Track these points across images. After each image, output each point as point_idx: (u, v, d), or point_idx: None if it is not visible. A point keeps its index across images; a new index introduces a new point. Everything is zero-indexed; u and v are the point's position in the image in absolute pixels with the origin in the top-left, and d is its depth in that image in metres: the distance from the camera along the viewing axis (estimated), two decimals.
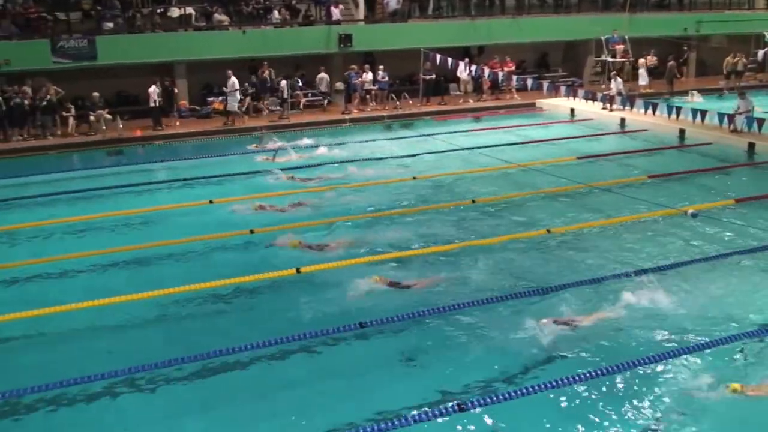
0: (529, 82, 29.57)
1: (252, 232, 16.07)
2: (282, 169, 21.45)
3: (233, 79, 28.08)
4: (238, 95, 28.37)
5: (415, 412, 9.09)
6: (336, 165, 22.27)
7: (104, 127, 26.96)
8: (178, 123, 28.74)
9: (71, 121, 27.24)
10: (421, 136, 26.73)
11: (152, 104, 27.77)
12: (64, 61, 27.62)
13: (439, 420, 8.97)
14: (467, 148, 24.03)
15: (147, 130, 27.58)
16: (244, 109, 30.06)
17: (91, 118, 27.25)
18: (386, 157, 23.24)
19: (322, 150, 24.41)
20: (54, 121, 27.08)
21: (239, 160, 23.41)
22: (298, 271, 13.61)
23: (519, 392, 9.40)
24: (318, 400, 9.71)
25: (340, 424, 9.02)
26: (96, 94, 27.40)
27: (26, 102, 26.29)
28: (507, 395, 9.34)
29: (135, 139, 26.89)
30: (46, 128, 26.77)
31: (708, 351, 10.50)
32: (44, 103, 26.46)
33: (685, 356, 10.34)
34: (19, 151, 25.43)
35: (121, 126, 27.07)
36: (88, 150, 25.90)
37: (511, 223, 16.48)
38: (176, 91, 29.48)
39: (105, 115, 27.15)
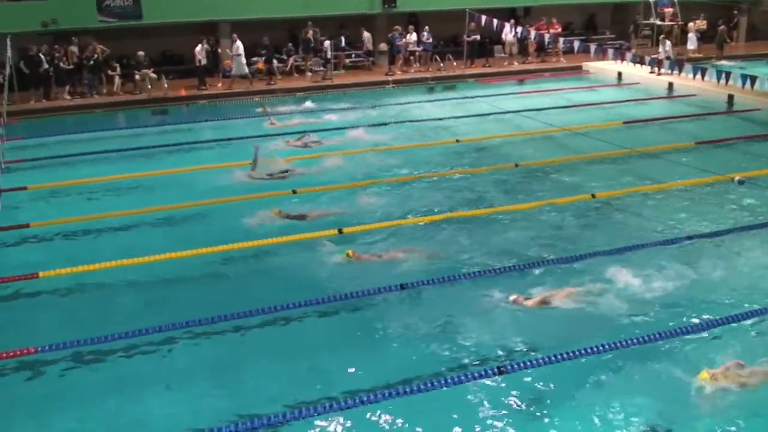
0: (576, 44, 29.10)
1: (294, 192, 16.13)
2: (321, 131, 21.45)
3: (238, 43, 27.82)
4: (243, 59, 28.06)
5: (455, 374, 9.13)
6: (378, 127, 22.21)
7: (149, 87, 27.14)
8: (220, 84, 28.81)
9: (117, 80, 27.47)
10: (464, 98, 26.52)
11: (197, 64, 27.87)
12: (109, 20, 27.77)
13: (479, 382, 8.99)
14: (511, 111, 23.81)
15: (191, 90, 27.72)
16: (287, 69, 30.08)
17: (137, 77, 27.45)
18: (429, 120, 23.13)
19: (363, 111, 24.35)
20: (100, 80, 27.33)
21: (279, 119, 23.44)
22: (340, 231, 13.68)
23: (559, 357, 9.38)
24: (365, 356, 9.77)
25: (382, 383, 9.07)
26: (141, 53, 27.60)
27: (72, 61, 26.57)
28: (547, 359, 9.33)
29: (179, 98, 27.05)
30: (92, 87, 27.03)
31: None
32: (90, 62, 26.70)
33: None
34: (65, 110, 25.75)
35: (165, 85, 27.21)
36: (133, 109, 26.15)
37: (555, 188, 16.33)
38: (220, 51, 29.51)
39: (150, 74, 27.32)
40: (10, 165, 18.19)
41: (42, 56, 26.01)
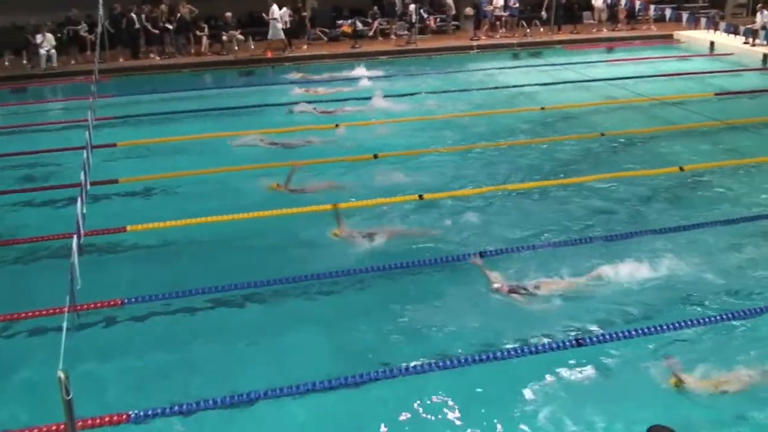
0: (668, 12, 28.31)
1: (376, 156, 16.17)
2: (404, 95, 21.39)
3: (274, 7, 27.64)
4: (279, 24, 27.90)
5: (535, 341, 9.10)
6: (461, 93, 22.06)
7: (236, 48, 27.45)
8: (305, 47, 28.94)
9: (204, 40, 27.85)
10: (550, 65, 26.11)
11: (283, 26, 28.03)
12: None
13: (558, 353, 8.92)
14: (598, 80, 23.33)
15: (277, 52, 27.93)
16: (371, 33, 30.02)
17: (224, 38, 27.78)
18: (513, 86, 22.86)
19: (447, 76, 24.19)
20: (187, 40, 27.75)
21: (365, 82, 23.47)
22: (420, 197, 13.65)
23: (635, 332, 9.25)
24: (448, 322, 9.73)
25: (472, 348, 9.09)
26: (229, 14, 27.91)
27: (161, 21, 27.02)
28: (625, 333, 9.21)
29: (265, 60, 27.29)
30: (179, 47, 27.47)
31: None
32: (178, 22, 27.11)
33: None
34: (153, 69, 26.27)
35: (252, 47, 27.48)
36: (220, 70, 26.51)
37: (642, 158, 15.98)
38: (306, 13, 29.61)
39: (237, 35, 27.62)
40: (101, 122, 18.63)
41: (134, 15, 26.53)
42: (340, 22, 30.64)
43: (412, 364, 8.72)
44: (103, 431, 7.80)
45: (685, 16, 27.54)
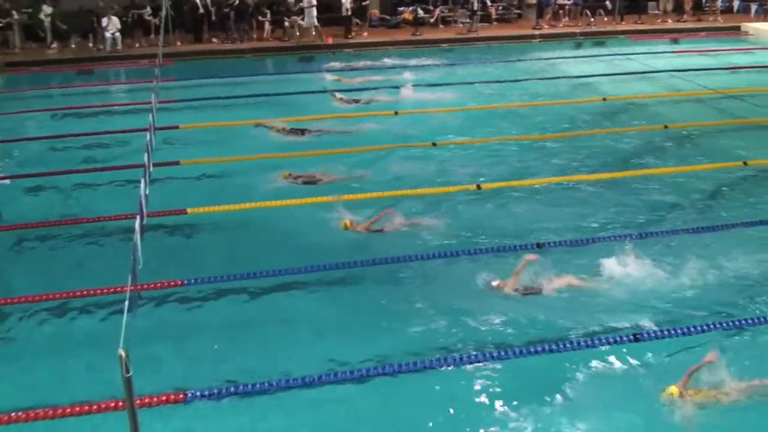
0: (736, 3, 27.74)
1: (434, 144, 16.13)
2: (458, 84, 21.25)
3: None
4: (314, 11, 27.74)
5: (589, 338, 9.02)
6: (522, 82, 21.88)
7: (297, 34, 27.57)
8: (365, 33, 28.96)
9: (267, 26, 28.03)
10: (613, 55, 25.74)
11: (344, 12, 28.08)
12: None
13: (615, 348, 8.83)
14: (663, 71, 22.94)
15: (338, 38, 27.99)
16: (432, 20, 29.92)
17: (286, 23, 27.93)
18: (575, 76, 22.59)
19: (508, 65, 24.02)
20: (250, 25, 27.97)
21: (424, 70, 23.42)
22: (478, 187, 13.62)
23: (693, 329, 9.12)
24: (506, 312, 9.74)
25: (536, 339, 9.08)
26: (291, 0, 28.03)
27: (225, 6, 27.27)
28: (684, 330, 9.07)
29: (326, 46, 27.37)
30: (242, 33, 27.70)
31: None
32: (241, 7, 27.32)
33: None
34: (216, 53, 26.55)
35: (313, 33, 27.58)
36: (281, 55, 26.67)
37: (705, 152, 15.68)
38: (367, 1, 29.62)
39: (299, 21, 27.73)
40: (164, 105, 18.91)
41: (197, 0, 26.82)
42: (401, 9, 30.58)
43: (473, 353, 8.73)
44: (160, 409, 7.95)
45: (753, 7, 26.93)
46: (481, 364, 8.58)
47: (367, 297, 10.24)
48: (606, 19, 30.59)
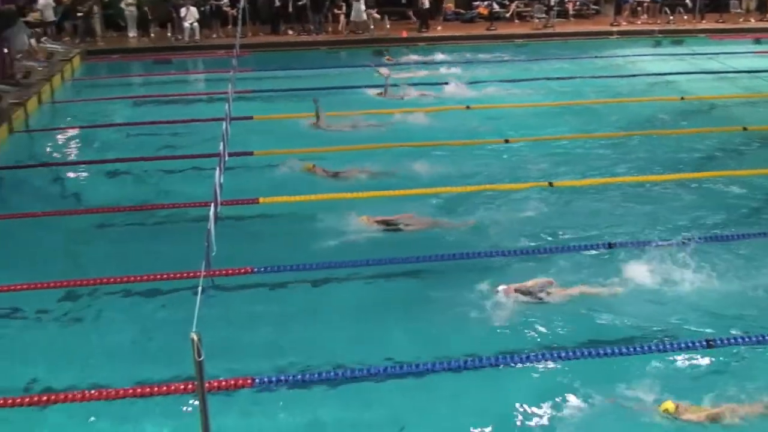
0: None
1: (507, 141, 16.04)
2: (538, 79, 21.08)
3: None
4: (362, 6, 27.52)
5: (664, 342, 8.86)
6: (598, 79, 21.58)
7: (372, 27, 27.64)
8: (439, 27, 28.88)
9: (342, 19, 28.17)
10: (693, 54, 25.23)
11: (420, 6, 28.05)
12: None
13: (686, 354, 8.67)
14: (744, 71, 22.38)
15: (412, 32, 27.98)
16: (508, 15, 29.71)
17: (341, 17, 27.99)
18: (652, 74, 22.19)
19: (584, 62, 23.72)
20: (326, 18, 28.14)
21: (498, 65, 23.27)
22: (550, 184, 13.49)
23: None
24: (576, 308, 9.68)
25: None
26: None
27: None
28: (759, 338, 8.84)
29: (400, 40, 27.38)
30: (318, 25, 27.89)
31: None
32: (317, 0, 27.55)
33: None
34: (291, 45, 26.81)
35: (388, 26, 27.62)
36: (355, 48, 26.77)
37: None
38: None
39: (374, 14, 27.80)
40: (240, 95, 19.17)
41: None
42: (476, 3, 30.44)
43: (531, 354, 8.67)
44: (228, 393, 8.09)
45: None
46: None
47: (444, 291, 10.10)
48: (686, 17, 29.94)
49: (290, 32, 27.73)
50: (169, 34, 27.50)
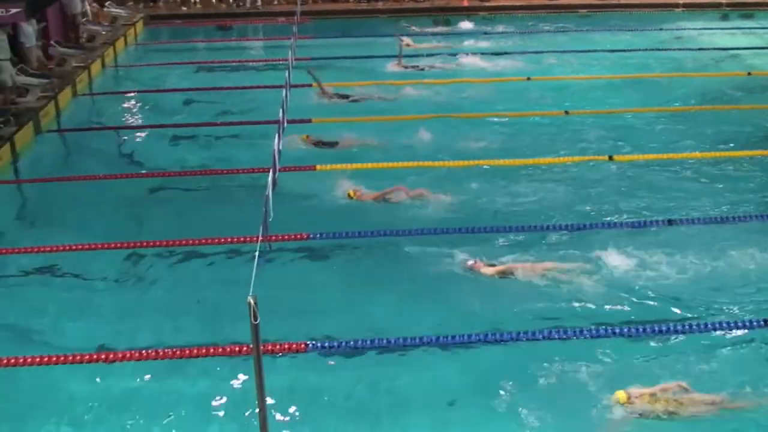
0: None
1: (567, 113, 15.85)
2: (598, 51, 20.75)
3: None
4: None
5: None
6: (661, 52, 21.10)
7: None
8: None
9: None
10: (762, 28, 24.47)
11: None
12: None
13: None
14: None
15: (473, 1, 27.67)
16: None
17: None
18: (719, 48, 21.61)
19: (647, 34, 23.24)
20: None
21: (559, 36, 22.95)
22: (611, 158, 13.34)
23: None
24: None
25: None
26: None
27: None
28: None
29: (461, 9, 27.09)
30: None
31: None
32: None
33: None
34: (351, 13, 26.67)
35: None
36: (415, 17, 26.48)
37: None
38: None
39: None
40: (299, 62, 19.21)
41: None
42: None
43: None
44: (282, 357, 8.22)
45: None
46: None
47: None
48: None
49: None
50: (231, 0, 27.60)
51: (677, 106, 16.51)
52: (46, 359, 8.20)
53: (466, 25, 24.77)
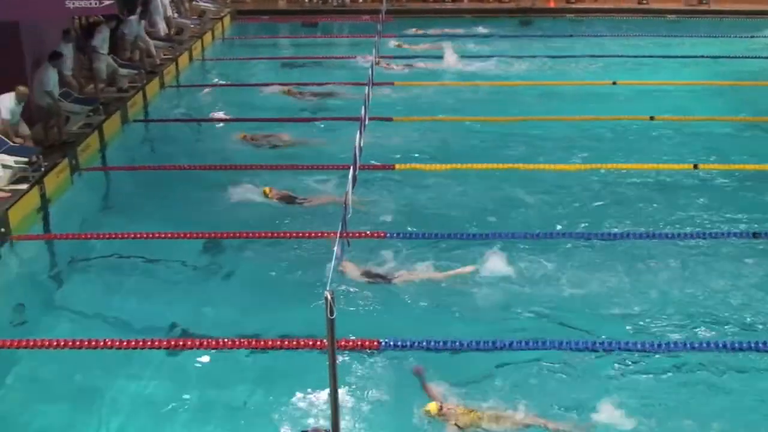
0: None
1: (652, 118, 15.51)
2: (685, 57, 20.31)
3: None
4: None
5: None
6: (755, 60, 20.49)
7: None
8: None
9: None
10: None
11: None
12: None
13: None
14: None
15: (560, 3, 27.35)
16: None
17: None
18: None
19: (740, 41, 22.62)
20: None
21: (646, 40, 22.51)
22: (695, 166, 13.03)
23: None
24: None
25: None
26: None
27: None
28: None
29: (546, 10, 26.81)
30: None
31: None
32: None
33: None
34: (435, 12, 26.67)
35: None
36: (499, 18, 26.29)
37: None
38: None
39: None
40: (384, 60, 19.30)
41: None
42: None
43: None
44: (356, 353, 8.27)
45: None
46: None
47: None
48: None
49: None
50: None
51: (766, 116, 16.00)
52: (125, 343, 8.41)
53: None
